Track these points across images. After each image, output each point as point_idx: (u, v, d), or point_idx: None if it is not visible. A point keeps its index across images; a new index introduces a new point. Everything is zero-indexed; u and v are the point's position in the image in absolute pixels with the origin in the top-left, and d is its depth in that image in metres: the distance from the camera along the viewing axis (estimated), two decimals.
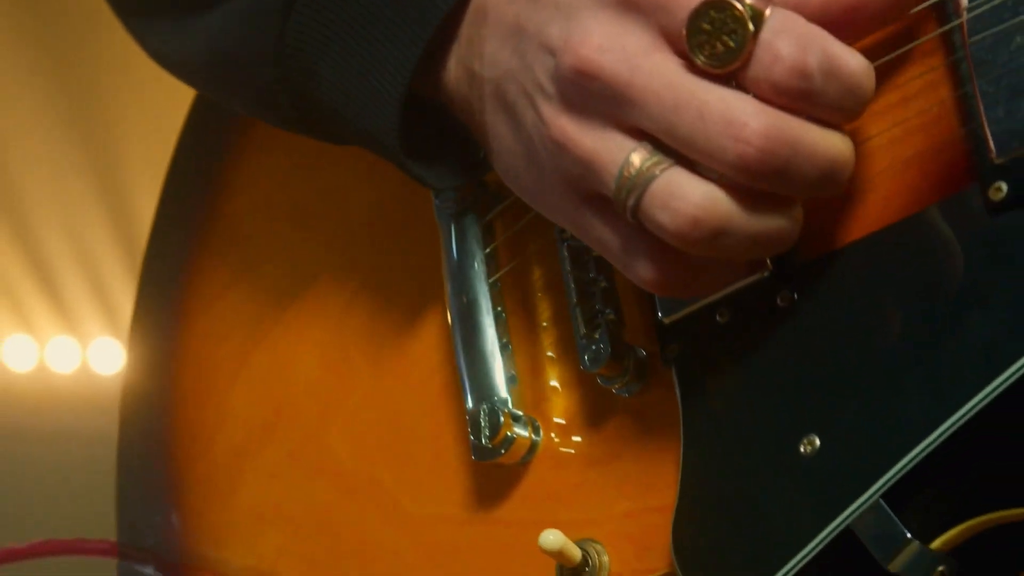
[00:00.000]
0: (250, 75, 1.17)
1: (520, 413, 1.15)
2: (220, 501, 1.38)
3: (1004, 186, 0.92)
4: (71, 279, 4.92)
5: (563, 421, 1.15)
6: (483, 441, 1.15)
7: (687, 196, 0.93)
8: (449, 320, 1.20)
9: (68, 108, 4.53)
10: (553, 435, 1.15)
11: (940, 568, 0.96)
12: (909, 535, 0.95)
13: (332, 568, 1.27)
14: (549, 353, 1.17)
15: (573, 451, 1.14)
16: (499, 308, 1.18)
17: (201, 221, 1.48)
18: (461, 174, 1.15)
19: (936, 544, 0.96)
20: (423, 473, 1.22)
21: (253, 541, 1.33)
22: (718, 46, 0.92)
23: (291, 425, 1.33)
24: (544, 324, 1.17)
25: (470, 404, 1.16)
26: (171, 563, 1.43)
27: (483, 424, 1.15)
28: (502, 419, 1.14)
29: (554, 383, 1.16)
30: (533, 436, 1.15)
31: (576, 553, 1.09)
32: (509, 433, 1.14)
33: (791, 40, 0.91)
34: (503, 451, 1.14)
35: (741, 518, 1.01)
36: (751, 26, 0.91)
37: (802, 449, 0.99)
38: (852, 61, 0.93)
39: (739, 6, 0.91)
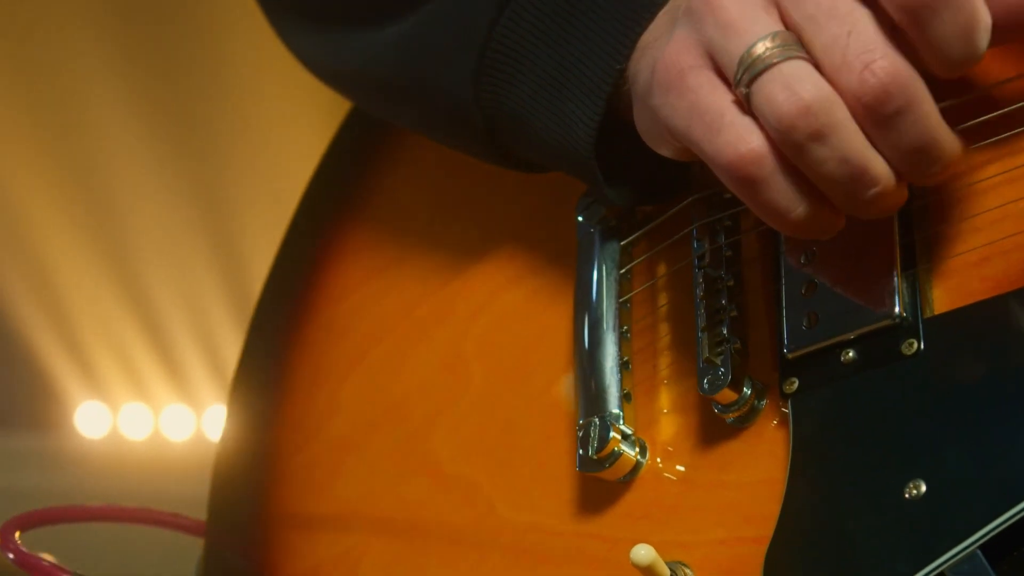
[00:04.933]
0: (442, 89, 1.22)
1: (630, 431, 1.17)
2: (315, 492, 1.40)
3: None
4: (186, 346, 4.96)
5: (671, 447, 1.16)
6: (589, 452, 1.16)
7: (809, 85, 0.97)
8: (574, 332, 1.22)
9: (184, 170, 4.59)
10: (658, 459, 1.17)
11: None
12: None
13: (416, 566, 1.28)
14: (666, 377, 1.19)
15: (675, 476, 1.15)
16: (625, 327, 1.21)
17: (335, 223, 1.51)
18: (643, 198, 1.21)
19: None
20: (523, 481, 1.24)
21: (342, 533, 1.35)
22: None
23: (397, 423, 1.36)
24: (665, 349, 1.20)
25: (582, 415, 1.19)
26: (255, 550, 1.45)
27: (592, 436, 1.17)
28: (611, 433, 1.16)
29: (666, 407, 1.18)
30: (639, 456, 1.17)
31: (665, 572, 1.10)
32: (616, 449, 1.16)
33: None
34: (607, 465, 1.16)
35: (837, 554, 1.02)
36: None
37: (907, 494, 1.00)
38: None
39: None
